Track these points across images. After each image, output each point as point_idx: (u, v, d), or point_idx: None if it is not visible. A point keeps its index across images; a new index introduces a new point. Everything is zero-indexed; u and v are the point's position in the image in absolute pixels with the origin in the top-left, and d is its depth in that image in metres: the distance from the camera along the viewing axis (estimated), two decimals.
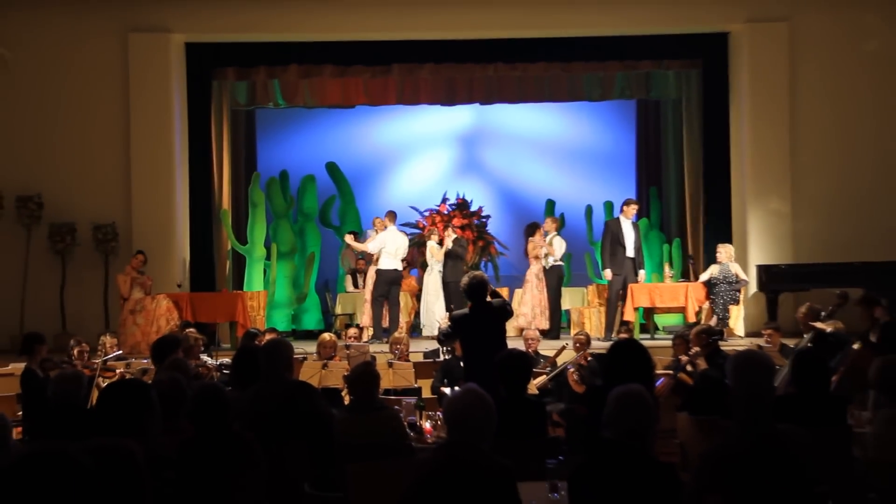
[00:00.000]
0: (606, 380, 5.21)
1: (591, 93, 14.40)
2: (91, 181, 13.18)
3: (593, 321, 12.93)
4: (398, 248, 12.47)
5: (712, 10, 13.35)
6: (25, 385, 7.89)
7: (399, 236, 12.62)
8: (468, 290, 7.44)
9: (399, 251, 12.49)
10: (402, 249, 12.56)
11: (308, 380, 7.66)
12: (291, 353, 6.07)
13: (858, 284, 10.96)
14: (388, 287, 12.41)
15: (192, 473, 4.19)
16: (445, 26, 13.31)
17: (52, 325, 12.03)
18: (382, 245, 12.46)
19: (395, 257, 12.42)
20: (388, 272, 12.39)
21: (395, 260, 12.43)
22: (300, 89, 14.13)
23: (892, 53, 13.34)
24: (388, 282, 12.40)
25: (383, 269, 12.40)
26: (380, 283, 12.44)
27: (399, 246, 12.49)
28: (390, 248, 12.40)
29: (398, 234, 12.62)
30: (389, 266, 12.39)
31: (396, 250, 12.44)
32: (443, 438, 5.80)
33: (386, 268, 12.40)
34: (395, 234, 12.57)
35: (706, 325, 9.38)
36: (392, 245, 12.42)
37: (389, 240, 12.46)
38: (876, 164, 13.30)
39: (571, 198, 15.25)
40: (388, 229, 12.61)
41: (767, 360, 4.10)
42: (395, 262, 12.43)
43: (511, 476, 3.77)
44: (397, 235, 12.59)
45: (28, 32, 13.17)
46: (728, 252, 12.21)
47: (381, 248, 12.45)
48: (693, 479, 3.82)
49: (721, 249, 12.25)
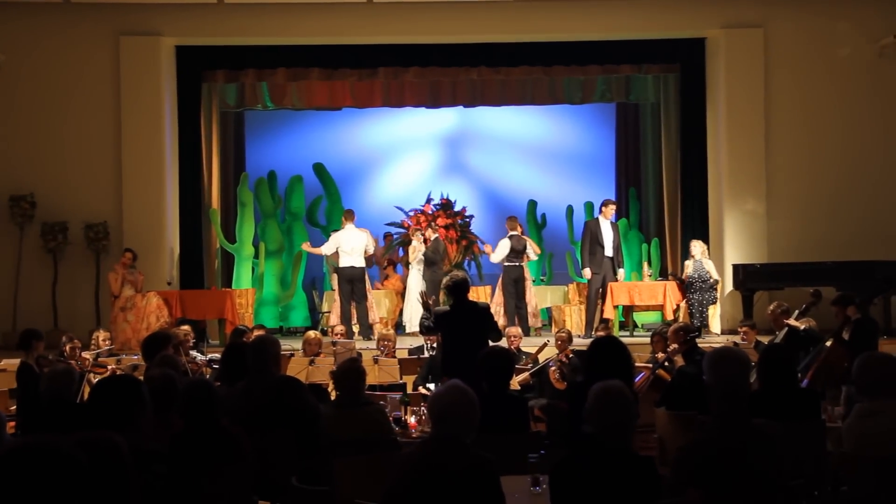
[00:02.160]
0: (587, 376, 5.29)
1: (571, 96, 14.60)
2: (83, 181, 13.28)
3: (574, 319, 13.07)
4: (354, 246, 12.47)
5: (690, 16, 13.53)
6: (21, 380, 7.92)
7: (355, 234, 12.59)
8: (449, 289, 7.65)
9: (356, 249, 12.47)
10: (359, 247, 12.51)
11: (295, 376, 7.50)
12: (279, 350, 6.10)
13: (831, 283, 11.16)
14: (349, 285, 12.47)
15: (182, 467, 4.20)
16: (430, 31, 13.48)
17: (44, 323, 12.03)
18: (337, 245, 12.57)
19: (351, 255, 12.45)
20: (345, 270, 12.47)
21: (353, 257, 12.45)
22: (288, 92, 14.32)
23: (863, 60, 13.55)
24: (349, 279, 12.47)
25: (342, 268, 12.51)
26: (341, 282, 12.57)
27: (355, 245, 12.49)
28: (346, 247, 12.47)
29: (354, 232, 12.61)
30: (347, 264, 12.46)
31: (352, 249, 12.45)
32: (427, 433, 5.92)
33: (344, 265, 12.49)
34: (350, 232, 12.60)
35: (683, 323, 9.47)
36: (347, 244, 12.48)
37: (344, 239, 12.53)
38: (847, 167, 13.50)
39: (552, 198, 15.46)
40: (343, 228, 12.71)
41: (743, 357, 4.16)
42: (352, 259, 12.44)
43: (493, 470, 3.80)
44: (353, 234, 12.59)
45: (21, 35, 13.24)
46: (702, 248, 12.37)
47: (338, 248, 12.57)
48: (672, 472, 3.89)
49: (694, 245, 12.40)
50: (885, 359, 4.82)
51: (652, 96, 14.66)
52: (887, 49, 13.48)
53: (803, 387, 6.88)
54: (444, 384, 4.25)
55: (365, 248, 12.66)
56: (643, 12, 13.44)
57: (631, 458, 3.78)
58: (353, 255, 12.50)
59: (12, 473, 2.55)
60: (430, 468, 3.76)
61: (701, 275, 12.20)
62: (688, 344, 8.05)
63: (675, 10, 13.48)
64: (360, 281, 12.58)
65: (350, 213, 12.88)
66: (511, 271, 12.65)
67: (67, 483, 2.61)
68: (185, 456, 4.32)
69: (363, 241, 12.63)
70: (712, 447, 3.86)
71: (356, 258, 12.52)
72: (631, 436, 3.84)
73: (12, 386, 8.29)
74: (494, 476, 3.81)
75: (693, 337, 8.22)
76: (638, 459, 3.80)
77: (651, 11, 13.44)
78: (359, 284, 12.55)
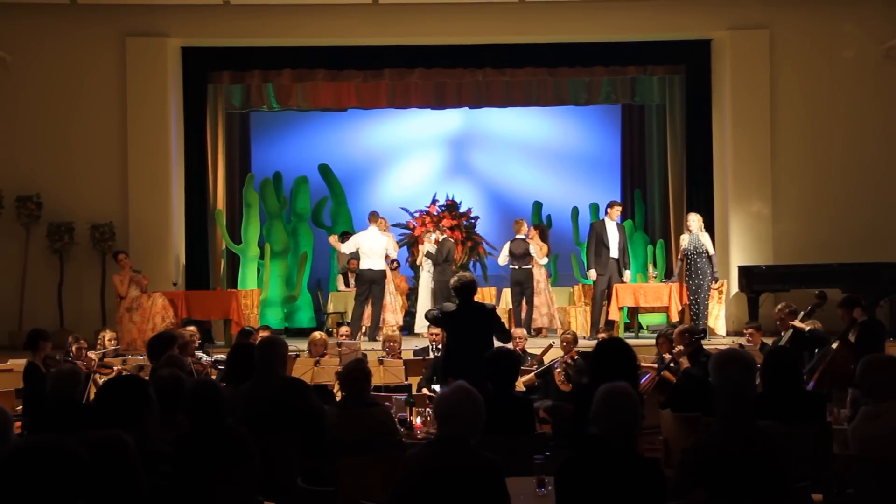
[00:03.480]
0: (593, 377, 5.28)
1: (577, 97, 14.62)
2: (89, 181, 13.32)
3: (579, 320, 13.10)
4: (373, 247, 12.47)
5: (695, 17, 13.53)
6: (28, 380, 7.97)
7: (375, 237, 12.58)
8: (457, 290, 7.72)
9: (374, 251, 12.47)
10: (377, 250, 12.51)
11: (301, 377, 7.55)
12: (286, 352, 6.06)
13: (836, 285, 11.18)
14: (367, 286, 12.49)
15: (188, 467, 4.22)
16: (435, 32, 13.49)
17: (50, 323, 12.03)
18: (357, 245, 12.60)
19: (370, 257, 12.46)
20: (364, 272, 12.49)
21: (372, 260, 12.45)
22: (293, 93, 14.35)
23: (869, 62, 13.54)
24: (367, 281, 12.48)
25: (361, 270, 12.54)
26: (359, 283, 12.65)
27: (374, 246, 12.49)
28: (365, 249, 12.49)
29: (375, 235, 12.59)
30: (366, 266, 12.47)
31: (371, 250, 12.45)
32: (432, 434, 5.93)
33: (363, 268, 12.51)
34: (370, 234, 12.60)
35: (689, 325, 9.52)
36: (366, 245, 12.49)
37: (363, 240, 12.56)
38: (853, 169, 13.49)
39: (558, 200, 15.44)
40: (366, 230, 12.74)
41: (749, 359, 4.17)
42: (371, 261, 12.45)
43: (499, 471, 3.81)
44: (372, 236, 12.58)
45: (27, 36, 13.29)
46: (699, 221, 12.26)
47: (358, 249, 12.60)
48: (677, 474, 3.90)
49: (692, 218, 12.30)
50: (889, 361, 4.81)
51: (657, 98, 14.66)
52: (893, 51, 13.47)
53: (809, 389, 6.90)
54: (449, 385, 4.26)
55: (385, 251, 12.66)
56: (648, 13, 13.44)
57: (636, 459, 3.78)
58: (372, 256, 12.49)
59: (19, 473, 2.60)
60: (435, 469, 3.77)
61: (696, 247, 12.10)
62: (693, 346, 8.05)
63: (680, 12, 13.47)
64: (379, 283, 12.57)
65: (374, 215, 12.83)
66: (514, 274, 12.67)
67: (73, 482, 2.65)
68: (190, 456, 4.32)
69: (383, 244, 12.61)
70: (718, 449, 3.85)
71: (375, 260, 12.50)
72: (636, 437, 3.84)
73: (18, 386, 8.26)
74: (500, 477, 3.81)
75: (698, 339, 8.24)
76: (643, 461, 3.81)
77: (656, 13, 13.44)
78: (376, 287, 12.55)
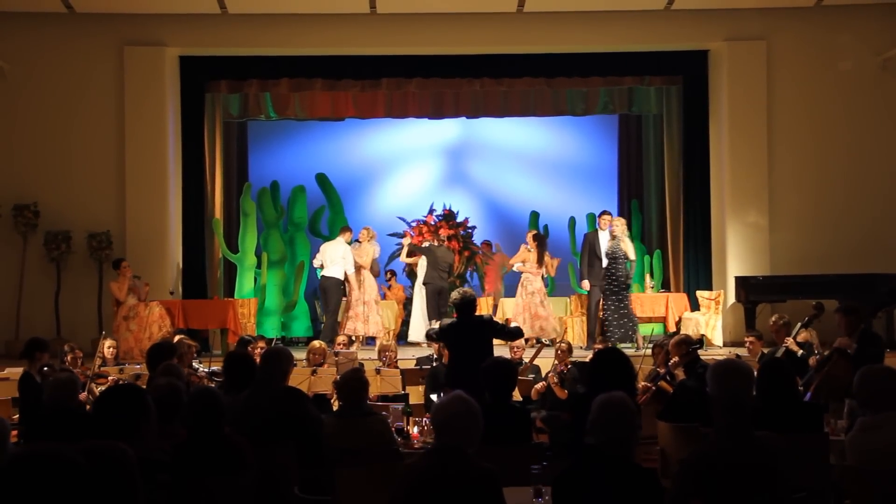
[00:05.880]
0: (590, 387, 5.31)
1: (574, 107, 14.64)
2: (86, 190, 13.32)
3: (576, 330, 13.14)
4: (331, 257, 12.76)
5: (693, 28, 13.55)
6: (23, 389, 7.92)
7: (335, 246, 12.85)
8: (457, 306, 7.81)
9: (334, 260, 12.74)
10: (335, 258, 12.75)
11: (298, 386, 7.59)
12: (290, 367, 6.11)
13: (833, 296, 11.14)
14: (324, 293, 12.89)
15: (186, 476, 4.23)
16: (433, 42, 13.51)
17: (46, 331, 12.02)
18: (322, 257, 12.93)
19: (328, 266, 12.76)
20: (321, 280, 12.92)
21: (330, 269, 12.74)
22: (291, 102, 14.37)
23: (866, 72, 13.59)
24: (322, 289, 12.95)
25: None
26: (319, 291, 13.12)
27: (332, 255, 12.77)
28: (325, 258, 12.83)
29: (335, 244, 12.89)
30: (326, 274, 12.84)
31: (329, 260, 12.77)
32: (430, 443, 5.99)
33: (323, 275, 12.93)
34: (332, 244, 12.95)
35: (685, 335, 9.46)
36: (327, 255, 12.83)
37: (325, 250, 12.92)
38: (850, 179, 13.52)
39: (555, 210, 15.47)
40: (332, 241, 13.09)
41: (746, 369, 4.18)
42: (329, 270, 12.74)
43: (496, 481, 3.81)
44: (333, 245, 12.90)
45: (26, 45, 13.29)
46: (622, 226, 12.13)
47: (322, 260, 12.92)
48: (674, 485, 3.89)
49: (616, 223, 12.16)
50: (886, 372, 4.80)
51: (655, 108, 14.69)
52: (890, 62, 13.52)
53: (806, 400, 6.89)
54: (446, 395, 4.25)
55: (342, 259, 12.77)
56: (646, 24, 13.47)
57: (633, 469, 3.77)
58: (331, 266, 12.79)
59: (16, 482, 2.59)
60: (432, 479, 3.77)
61: (615, 251, 11.97)
62: (689, 356, 8.09)
63: (677, 23, 13.50)
64: (326, 291, 12.87)
65: (344, 229, 13.19)
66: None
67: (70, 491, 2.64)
68: (188, 465, 4.32)
69: (340, 253, 12.82)
70: (715, 459, 3.85)
71: (332, 269, 12.77)
72: (633, 447, 3.83)
73: (15, 395, 8.24)
74: (497, 487, 3.81)
75: (694, 349, 8.27)
76: (640, 471, 3.80)
77: (654, 23, 13.47)
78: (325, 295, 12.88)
